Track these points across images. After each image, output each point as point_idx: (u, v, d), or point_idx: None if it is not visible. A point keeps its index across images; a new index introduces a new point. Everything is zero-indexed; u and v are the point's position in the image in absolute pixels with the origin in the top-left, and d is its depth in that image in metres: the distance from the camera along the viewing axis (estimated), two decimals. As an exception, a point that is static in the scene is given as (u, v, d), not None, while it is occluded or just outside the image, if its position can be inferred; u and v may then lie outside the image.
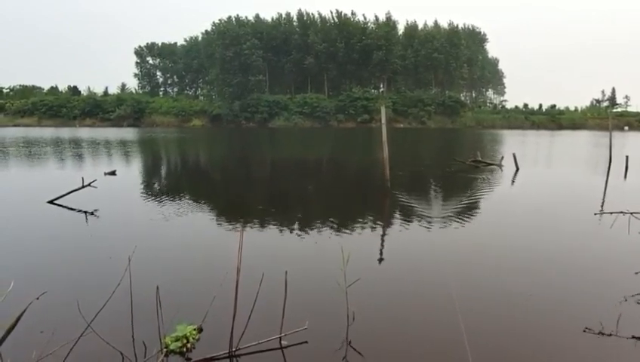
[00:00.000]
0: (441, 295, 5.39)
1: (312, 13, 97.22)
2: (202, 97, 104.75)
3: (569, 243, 7.90)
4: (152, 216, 9.72)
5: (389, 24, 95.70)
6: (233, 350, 4.04)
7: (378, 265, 6.73)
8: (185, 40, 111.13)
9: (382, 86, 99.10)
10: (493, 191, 13.59)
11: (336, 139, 48.28)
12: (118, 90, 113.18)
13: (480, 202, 11.63)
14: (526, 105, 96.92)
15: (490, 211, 10.80)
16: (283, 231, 8.61)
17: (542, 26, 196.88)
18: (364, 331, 4.48)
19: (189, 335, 4.18)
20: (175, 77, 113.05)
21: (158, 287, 4.05)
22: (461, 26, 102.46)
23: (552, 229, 8.80)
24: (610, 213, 7.47)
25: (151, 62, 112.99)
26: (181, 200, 11.59)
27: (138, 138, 45.21)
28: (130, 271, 4.10)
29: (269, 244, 7.71)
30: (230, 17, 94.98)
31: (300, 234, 8.38)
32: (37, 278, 5.91)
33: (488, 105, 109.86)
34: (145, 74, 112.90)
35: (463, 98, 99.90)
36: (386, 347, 4.26)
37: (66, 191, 10.96)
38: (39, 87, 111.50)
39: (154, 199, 11.87)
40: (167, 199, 11.70)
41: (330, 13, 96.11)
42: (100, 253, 7.01)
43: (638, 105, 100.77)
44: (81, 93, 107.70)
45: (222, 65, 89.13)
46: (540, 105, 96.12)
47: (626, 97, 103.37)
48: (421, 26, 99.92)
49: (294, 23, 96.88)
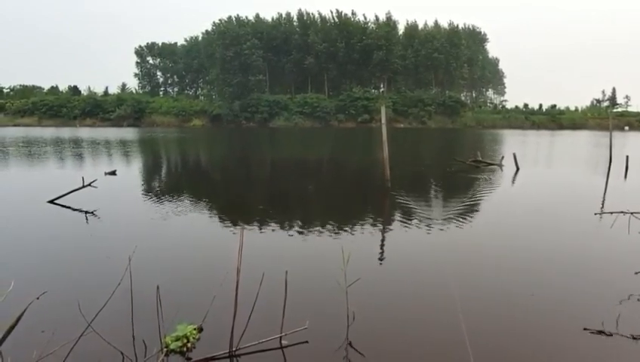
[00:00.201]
0: (441, 295, 5.39)
1: (312, 13, 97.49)
2: (202, 97, 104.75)
3: (569, 243, 7.90)
4: (152, 216, 9.73)
5: (390, 24, 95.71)
6: (233, 349, 4.04)
7: (378, 264, 6.73)
8: (185, 40, 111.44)
9: (382, 86, 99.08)
10: (494, 191, 13.58)
11: (337, 139, 48.28)
12: (119, 90, 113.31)
13: (480, 202, 11.62)
14: (526, 105, 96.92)
15: (491, 211, 10.80)
16: (283, 231, 8.61)
17: (542, 26, 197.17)
18: (365, 331, 4.48)
19: (189, 334, 4.19)
20: (175, 77, 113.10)
21: (158, 287, 4.06)
22: (461, 25, 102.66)
23: (552, 229, 8.80)
24: (611, 213, 7.49)
25: (151, 62, 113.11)
26: (181, 200, 11.59)
27: (138, 138, 45.22)
28: (130, 271, 4.10)
29: (269, 244, 7.71)
30: (230, 17, 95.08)
31: (301, 234, 8.38)
32: (37, 278, 5.92)
33: (488, 105, 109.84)
34: (145, 74, 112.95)
35: (463, 98, 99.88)
36: (386, 347, 4.26)
37: (67, 191, 10.97)
38: (39, 87, 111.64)
39: (154, 199, 11.88)
40: (167, 199, 11.70)
41: (331, 13, 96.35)
42: (100, 253, 7.01)
43: (638, 105, 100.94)
44: (82, 93, 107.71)
45: (222, 65, 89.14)
46: (541, 105, 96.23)
47: (627, 97, 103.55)
48: (421, 25, 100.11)
49: (294, 23, 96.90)
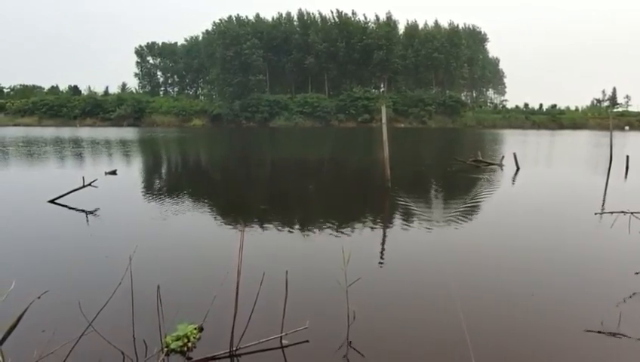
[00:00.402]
0: (441, 295, 5.39)
1: (313, 13, 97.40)
2: (203, 97, 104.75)
3: (569, 242, 7.90)
4: (152, 216, 9.74)
5: (390, 24, 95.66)
6: (234, 349, 4.04)
7: (379, 264, 6.73)
8: (185, 40, 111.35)
9: (382, 86, 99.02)
10: (494, 191, 13.58)
11: (337, 138, 48.27)
12: (119, 90, 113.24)
13: (480, 202, 11.62)
14: (526, 105, 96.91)
15: (491, 211, 10.79)
16: (283, 230, 8.61)
17: (542, 26, 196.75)
18: (365, 331, 4.48)
19: (189, 334, 4.19)
20: (175, 77, 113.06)
21: (158, 287, 4.06)
22: (461, 25, 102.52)
23: (552, 229, 8.80)
24: (611, 213, 7.49)
25: (151, 61, 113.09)
26: (182, 200, 11.59)
27: (138, 138, 45.22)
28: (131, 271, 4.10)
29: (269, 244, 7.72)
30: (230, 17, 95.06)
31: (301, 234, 8.39)
32: (38, 278, 5.92)
33: (489, 104, 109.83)
34: (145, 73, 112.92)
35: (463, 98, 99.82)
36: (386, 347, 4.26)
37: (67, 191, 10.97)
38: (40, 87, 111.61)
39: (154, 199, 11.88)
40: (167, 199, 11.71)
41: (331, 12, 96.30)
42: (101, 253, 7.02)
43: (638, 105, 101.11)
44: (82, 92, 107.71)
45: (222, 65, 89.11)
46: (541, 105, 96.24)
47: (627, 97, 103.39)
48: (421, 25, 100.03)
49: (295, 23, 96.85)
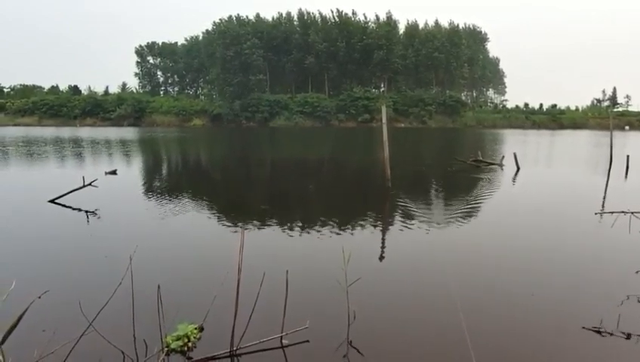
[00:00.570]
0: (442, 295, 5.39)
1: (313, 13, 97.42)
2: (203, 97, 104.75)
3: (570, 242, 7.90)
4: (153, 216, 9.74)
5: (390, 24, 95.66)
6: (234, 349, 4.05)
7: (379, 264, 6.73)
8: (185, 39, 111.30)
9: (382, 85, 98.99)
10: (494, 190, 13.58)
11: (337, 138, 48.27)
12: (119, 90, 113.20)
13: (481, 202, 11.62)
14: (527, 105, 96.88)
15: (491, 211, 10.79)
16: (284, 230, 8.62)
17: (542, 26, 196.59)
18: (365, 330, 4.49)
19: (190, 334, 4.19)
20: (176, 76, 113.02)
21: (159, 286, 4.06)
22: (462, 25, 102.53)
23: (552, 229, 8.80)
24: (611, 213, 7.49)
25: (151, 61, 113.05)
26: (182, 200, 11.59)
27: (138, 137, 45.23)
28: (131, 271, 4.11)
29: (269, 244, 7.72)
30: (231, 17, 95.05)
31: (301, 234, 8.39)
32: (38, 277, 5.92)
33: (489, 104, 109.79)
34: (145, 73, 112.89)
35: (463, 98, 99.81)
36: (386, 346, 4.27)
37: (67, 191, 10.98)
38: (40, 87, 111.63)
39: (155, 198, 11.88)
40: (168, 198, 11.71)
41: (331, 12, 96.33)
42: (101, 253, 7.02)
43: (638, 105, 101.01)
44: (82, 92, 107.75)
45: (222, 65, 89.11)
46: (541, 105, 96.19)
47: (627, 97, 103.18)
48: (422, 25, 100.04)
49: (295, 23, 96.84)
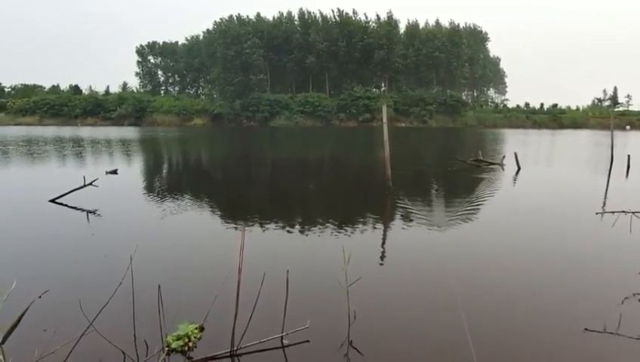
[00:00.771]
0: (442, 294, 5.39)
1: (314, 12, 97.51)
2: (203, 96, 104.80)
3: (570, 242, 7.89)
4: (153, 215, 9.74)
5: (391, 23, 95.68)
6: (234, 349, 4.04)
7: (379, 264, 6.73)
8: (186, 39, 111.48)
9: (383, 85, 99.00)
10: (495, 190, 13.57)
11: (338, 138, 48.26)
12: (120, 89, 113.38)
13: (481, 202, 11.61)
14: (527, 105, 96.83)
15: (492, 210, 10.77)
16: (284, 230, 8.61)
17: (542, 26, 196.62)
18: (366, 330, 4.48)
19: (190, 334, 4.19)
20: (176, 76, 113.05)
21: (159, 286, 4.05)
22: (462, 25, 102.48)
23: (553, 229, 8.79)
24: (612, 213, 7.46)
25: (152, 61, 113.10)
26: (182, 200, 11.59)
27: (139, 137, 45.25)
28: (131, 270, 4.10)
29: (270, 243, 7.72)
30: (231, 16, 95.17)
31: (302, 234, 8.39)
32: (39, 277, 5.93)
33: (490, 104, 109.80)
34: (146, 73, 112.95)
35: (464, 97, 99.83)
36: (387, 346, 4.26)
37: (68, 190, 10.98)
38: (41, 86, 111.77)
39: (155, 198, 11.89)
40: (168, 198, 11.71)
41: (332, 12, 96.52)
42: (102, 252, 7.02)
43: (639, 105, 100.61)
44: (83, 92, 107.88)
45: (223, 64, 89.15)
46: (542, 105, 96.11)
47: (628, 96, 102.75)
48: (422, 25, 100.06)
49: (295, 22, 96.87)
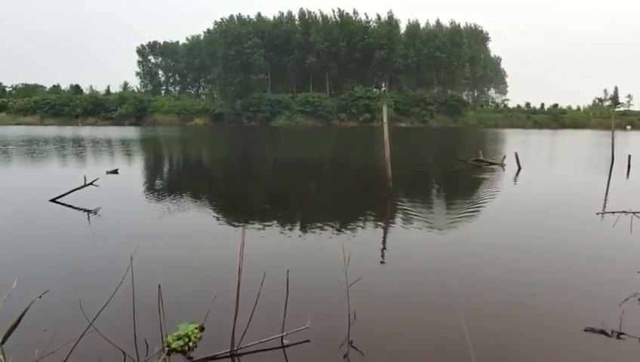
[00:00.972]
0: (442, 294, 5.39)
1: (314, 12, 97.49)
2: (204, 96, 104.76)
3: (571, 242, 7.89)
4: (154, 215, 9.75)
5: (391, 23, 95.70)
6: (235, 349, 4.04)
7: (380, 264, 6.73)
8: (187, 39, 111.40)
9: (384, 85, 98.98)
10: (495, 190, 13.55)
11: (338, 138, 48.25)
12: (120, 89, 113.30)
13: (482, 202, 11.60)
14: (528, 105, 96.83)
15: (492, 210, 10.76)
16: (284, 230, 8.61)
17: (542, 26, 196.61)
18: (366, 330, 4.48)
19: (190, 334, 4.19)
20: (177, 76, 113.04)
21: (160, 286, 4.05)
22: (463, 25, 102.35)
23: (554, 229, 8.79)
24: (613, 213, 7.45)
25: (153, 60, 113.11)
26: (183, 199, 11.60)
27: (140, 137, 45.27)
28: (132, 270, 4.10)
29: (270, 243, 7.71)
30: (232, 16, 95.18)
31: (302, 234, 8.39)
32: (39, 277, 5.93)
33: (490, 104, 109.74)
34: (147, 73, 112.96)
35: (465, 97, 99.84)
36: (387, 346, 4.26)
37: (68, 190, 10.99)
38: (41, 86, 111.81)
39: (156, 198, 11.89)
40: (168, 198, 11.72)
41: (332, 12, 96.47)
42: (102, 252, 7.03)
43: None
44: (84, 92, 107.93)
45: (224, 64, 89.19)
46: (542, 105, 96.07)
47: (629, 96, 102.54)
48: (423, 24, 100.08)
49: (296, 22, 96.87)
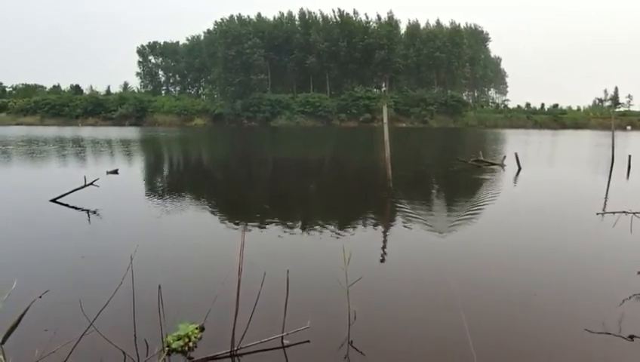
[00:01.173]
0: (442, 294, 5.39)
1: (314, 13, 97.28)
2: (204, 96, 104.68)
3: (571, 242, 7.89)
4: (154, 215, 9.75)
5: (391, 23, 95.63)
6: (235, 349, 4.04)
7: (380, 264, 6.73)
8: (187, 39, 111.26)
9: (384, 85, 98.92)
10: (495, 190, 13.56)
11: (338, 138, 48.25)
12: (121, 90, 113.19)
13: (482, 202, 11.59)
14: (528, 105, 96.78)
15: (492, 211, 10.76)
16: (285, 230, 8.61)
17: (542, 26, 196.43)
18: (366, 330, 4.48)
19: (190, 334, 4.19)
20: (177, 76, 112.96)
21: (160, 286, 4.05)
22: (463, 25, 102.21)
23: (554, 229, 8.79)
24: (613, 213, 7.45)
25: (153, 61, 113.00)
26: (183, 199, 11.60)
27: (140, 137, 45.27)
28: (132, 270, 4.10)
29: (270, 243, 7.72)
30: (232, 16, 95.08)
31: (302, 234, 8.39)
32: (39, 277, 5.93)
33: (490, 104, 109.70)
34: (147, 73, 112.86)
35: (465, 97, 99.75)
36: (387, 346, 4.26)
37: (69, 190, 10.99)
38: (42, 86, 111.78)
39: (156, 198, 11.90)
40: (169, 198, 11.72)
41: (332, 12, 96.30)
42: (102, 252, 7.03)
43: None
44: (84, 92, 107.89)
45: (224, 65, 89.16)
46: (543, 105, 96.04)
47: (629, 96, 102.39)
48: (423, 25, 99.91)
49: (296, 22, 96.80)
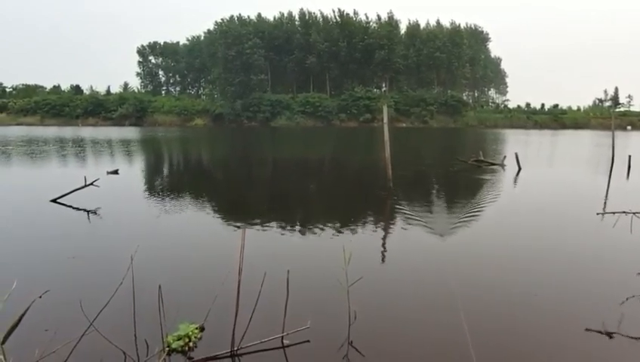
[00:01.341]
0: (442, 294, 5.39)
1: (314, 13, 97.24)
2: (204, 96, 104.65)
3: (571, 242, 7.89)
4: (154, 215, 9.75)
5: (392, 23, 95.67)
6: (235, 349, 4.05)
7: (380, 264, 6.73)
8: (187, 39, 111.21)
9: (384, 85, 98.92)
10: (495, 190, 13.56)
11: (338, 138, 48.25)
12: (121, 90, 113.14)
13: (482, 202, 11.60)
14: (528, 105, 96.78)
15: (492, 211, 10.76)
16: (285, 230, 8.62)
17: (542, 26, 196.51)
18: (366, 330, 4.48)
19: (191, 334, 4.20)
20: (177, 76, 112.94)
21: (160, 286, 4.05)
22: (463, 25, 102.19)
23: (554, 229, 8.79)
24: (613, 213, 7.46)
25: (153, 61, 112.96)
26: (183, 200, 11.61)
27: (140, 137, 45.28)
28: (132, 270, 4.11)
29: (270, 243, 7.72)
30: (232, 17, 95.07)
31: (302, 234, 8.39)
32: (40, 277, 5.93)
33: (491, 104, 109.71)
34: (147, 73, 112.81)
35: (465, 97, 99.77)
36: (387, 346, 4.26)
37: (69, 190, 10.99)
38: (42, 87, 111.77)
39: (156, 198, 11.90)
40: (169, 198, 11.72)
41: (333, 12, 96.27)
42: (102, 252, 7.04)
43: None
44: (84, 92, 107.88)
45: (224, 65, 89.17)
46: (543, 105, 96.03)
47: (629, 97, 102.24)
48: (423, 25, 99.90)
49: (296, 23, 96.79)
